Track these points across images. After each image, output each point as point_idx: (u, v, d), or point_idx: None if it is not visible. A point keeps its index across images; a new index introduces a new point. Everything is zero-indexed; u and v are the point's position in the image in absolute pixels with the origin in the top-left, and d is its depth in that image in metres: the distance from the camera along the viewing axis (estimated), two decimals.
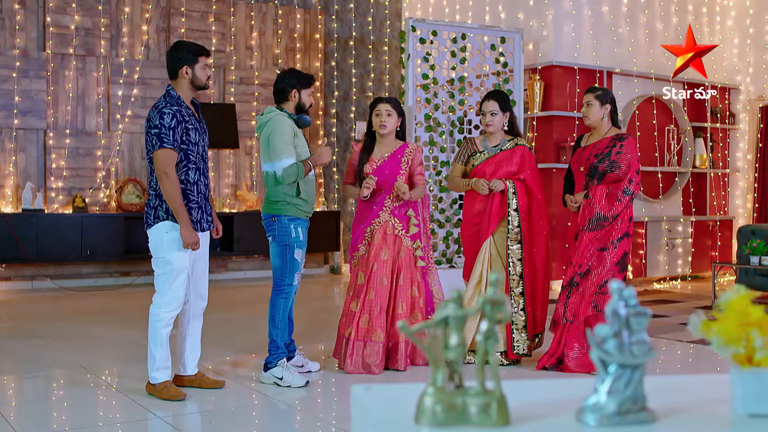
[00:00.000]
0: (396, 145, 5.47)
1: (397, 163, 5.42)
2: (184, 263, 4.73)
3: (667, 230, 10.59)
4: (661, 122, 10.68)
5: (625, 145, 5.44)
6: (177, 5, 10.35)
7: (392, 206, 5.43)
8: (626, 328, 1.32)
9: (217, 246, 10.44)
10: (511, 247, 5.56)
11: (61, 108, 9.70)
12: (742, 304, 1.37)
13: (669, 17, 10.88)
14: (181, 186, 4.70)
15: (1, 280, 9.42)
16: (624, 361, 1.32)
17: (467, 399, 1.29)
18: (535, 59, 9.97)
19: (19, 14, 9.50)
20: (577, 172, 5.60)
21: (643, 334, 1.33)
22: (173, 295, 4.73)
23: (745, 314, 1.35)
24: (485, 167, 5.64)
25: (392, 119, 5.41)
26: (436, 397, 1.29)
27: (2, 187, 9.43)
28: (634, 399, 1.32)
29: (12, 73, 9.40)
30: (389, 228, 5.40)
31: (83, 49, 9.81)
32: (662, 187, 10.63)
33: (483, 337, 1.29)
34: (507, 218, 5.56)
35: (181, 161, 4.71)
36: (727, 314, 1.37)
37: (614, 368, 1.33)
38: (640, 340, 1.33)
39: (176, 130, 4.63)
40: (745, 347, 1.36)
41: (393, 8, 12.01)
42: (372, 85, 11.85)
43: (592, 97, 5.50)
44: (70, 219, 9.45)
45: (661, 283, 10.54)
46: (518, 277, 5.56)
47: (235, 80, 10.72)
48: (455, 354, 1.29)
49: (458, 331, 1.30)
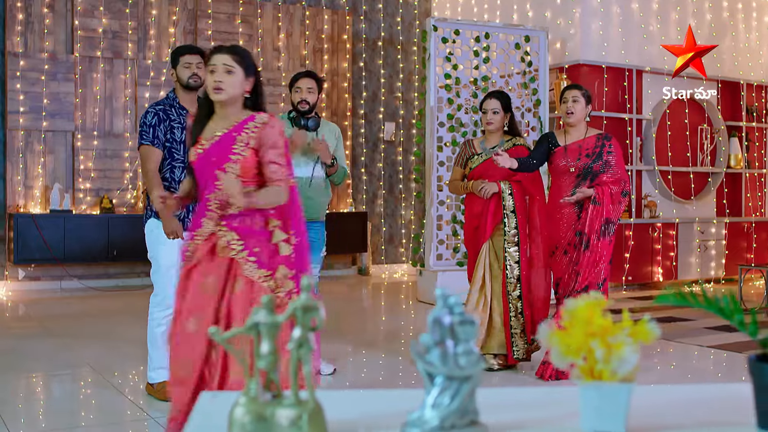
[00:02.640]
0: (239, 117, 3.35)
1: (228, 145, 3.29)
2: (171, 260, 4.73)
3: (699, 232, 10.33)
4: (694, 121, 10.43)
5: (614, 145, 5.40)
6: (204, 7, 10.41)
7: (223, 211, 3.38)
8: (451, 337, 1.25)
9: None
10: (508, 250, 5.46)
11: (89, 110, 9.83)
12: (587, 313, 1.29)
13: (702, 14, 10.62)
14: (165, 183, 4.75)
15: (30, 280, 9.57)
16: (449, 372, 1.25)
17: (278, 410, 1.23)
18: (562, 58, 9.81)
19: (48, 18, 9.64)
20: (561, 171, 5.42)
21: (471, 343, 1.26)
22: (162, 294, 4.75)
23: (589, 324, 1.27)
24: (481, 169, 5.56)
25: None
26: (246, 408, 1.24)
27: (31, 188, 9.58)
28: (461, 413, 1.25)
29: (41, 75, 9.55)
30: (220, 245, 3.32)
31: (111, 52, 9.93)
32: (694, 188, 10.37)
33: (295, 345, 1.23)
34: (503, 220, 5.46)
35: (165, 159, 4.77)
36: (572, 323, 1.29)
37: (440, 380, 1.26)
38: (467, 350, 1.26)
39: (157, 128, 4.72)
40: (587, 359, 1.27)
41: (422, 8, 11.93)
42: (401, 86, 11.79)
43: (579, 93, 5.40)
44: (98, 220, 9.57)
45: (692, 285, 10.29)
46: (515, 281, 5.45)
47: (262, 82, 10.72)
48: (266, 363, 1.24)
49: (270, 339, 1.24)
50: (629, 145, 9.85)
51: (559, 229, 5.40)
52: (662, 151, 10.10)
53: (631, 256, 9.65)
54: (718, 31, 10.69)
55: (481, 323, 5.50)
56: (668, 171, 10.16)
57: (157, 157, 4.73)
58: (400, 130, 11.73)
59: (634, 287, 9.84)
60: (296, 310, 1.23)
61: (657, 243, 9.95)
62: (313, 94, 5.24)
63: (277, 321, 1.24)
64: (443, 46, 8.81)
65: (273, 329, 1.24)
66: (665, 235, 10.03)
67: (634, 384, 1.28)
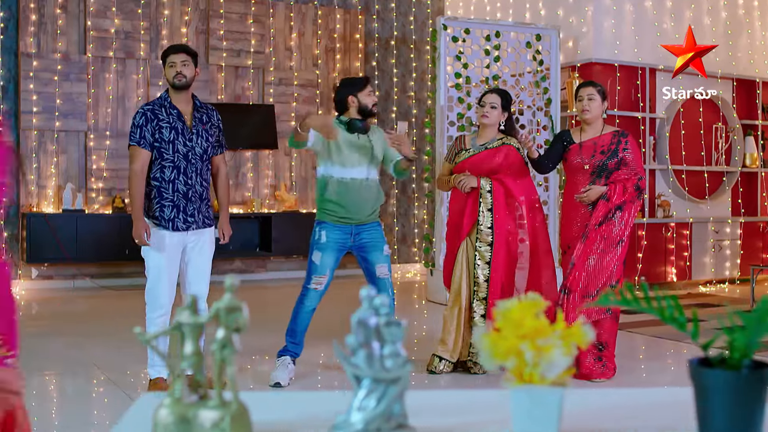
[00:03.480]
0: None
1: None
2: (159, 262, 4.77)
3: (713, 232, 10.23)
4: (708, 120, 10.32)
5: (630, 142, 5.33)
6: (216, 7, 10.44)
7: None
8: (377, 339, 1.23)
9: (256, 246, 10.52)
10: (479, 249, 5.33)
11: (101, 110, 9.88)
12: (519, 314, 1.26)
13: (717, 11, 10.50)
14: (156, 183, 4.81)
15: (43, 279, 9.64)
16: (375, 375, 1.23)
17: (201, 411, 1.22)
18: (574, 56, 9.75)
19: (60, 19, 9.70)
20: (575, 169, 5.39)
21: (398, 345, 1.24)
22: (153, 294, 4.81)
23: (520, 325, 1.25)
24: (466, 165, 5.47)
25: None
26: (170, 409, 1.23)
27: (44, 188, 9.65)
28: (387, 416, 1.23)
29: (54, 76, 9.61)
30: None
31: (123, 52, 9.97)
32: (708, 188, 10.26)
33: (218, 345, 1.22)
34: (478, 218, 5.36)
35: (155, 159, 4.81)
36: (503, 325, 1.27)
37: (367, 383, 1.24)
38: (394, 352, 1.24)
39: (144, 128, 4.77)
40: (517, 362, 1.25)
41: (435, 7, 11.90)
42: (414, 85, 11.76)
43: (594, 90, 5.35)
44: (110, 219, 9.62)
45: (707, 286, 10.19)
46: (484, 281, 5.31)
47: (274, 81, 10.76)
48: (189, 363, 1.23)
49: (193, 340, 1.23)
50: (642, 144, 9.76)
51: (572, 228, 5.35)
52: (676, 150, 10.00)
53: (644, 256, 9.57)
54: (733, 29, 10.58)
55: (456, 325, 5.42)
56: (682, 170, 10.06)
57: (143, 158, 4.79)
58: (413, 130, 11.70)
59: None
60: (219, 310, 1.21)
61: (670, 243, 9.86)
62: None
63: (199, 322, 1.23)
64: (453, 45, 8.78)
65: (196, 330, 1.23)
66: (679, 234, 9.93)
67: (565, 388, 1.25)
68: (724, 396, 1.25)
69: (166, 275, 4.83)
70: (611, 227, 5.18)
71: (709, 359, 1.30)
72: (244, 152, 10.58)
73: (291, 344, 5.30)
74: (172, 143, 4.81)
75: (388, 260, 5.35)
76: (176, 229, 4.85)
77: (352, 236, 5.26)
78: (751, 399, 1.25)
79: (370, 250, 5.28)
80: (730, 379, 1.25)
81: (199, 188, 4.94)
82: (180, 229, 4.86)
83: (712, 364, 1.29)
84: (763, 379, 1.26)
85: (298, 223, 10.29)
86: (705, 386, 1.27)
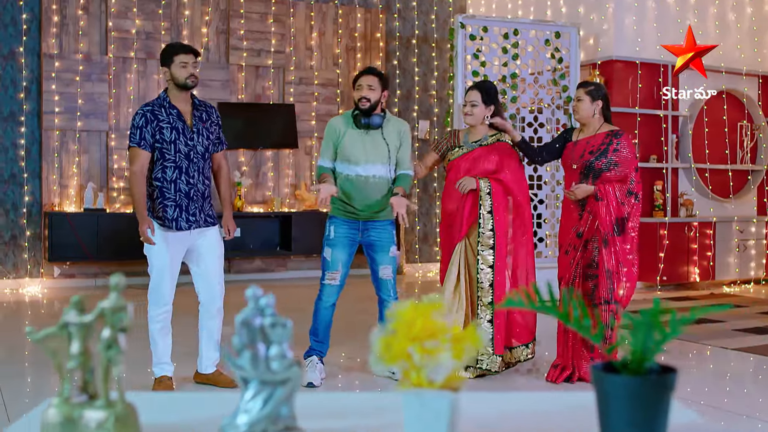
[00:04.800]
0: None
1: None
2: (163, 261, 4.78)
3: (738, 231, 10.07)
4: (733, 118, 10.16)
5: (623, 142, 5.16)
6: (236, 7, 10.48)
7: None
8: (263, 340, 1.22)
9: (276, 245, 10.55)
10: (482, 253, 5.22)
11: (122, 110, 9.97)
12: (411, 315, 1.23)
13: (742, 7, 10.34)
14: (158, 183, 4.80)
15: (65, 278, 9.75)
16: (261, 376, 1.21)
17: (87, 412, 1.21)
18: (594, 54, 9.65)
19: (82, 20, 9.80)
20: (567, 168, 5.35)
21: (285, 346, 1.22)
22: (156, 292, 4.83)
23: (411, 327, 1.22)
24: (461, 163, 5.36)
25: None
26: (58, 409, 1.22)
27: (66, 188, 9.75)
28: (274, 418, 1.21)
29: (75, 76, 9.71)
30: None
31: (144, 53, 10.05)
32: (733, 186, 10.11)
33: (103, 346, 1.21)
34: (479, 221, 5.26)
35: (157, 159, 4.80)
36: (396, 326, 1.24)
37: (254, 384, 1.22)
38: (280, 353, 1.22)
39: (144, 129, 4.75)
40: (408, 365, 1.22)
41: (457, 5, 11.84)
42: (435, 84, 11.72)
43: (583, 92, 5.27)
44: (131, 218, 9.64)
45: (731, 286, 10.03)
46: (488, 286, 5.21)
47: (295, 80, 10.78)
48: (76, 363, 1.22)
49: (80, 339, 1.22)
50: (664, 143, 9.64)
51: (565, 227, 5.29)
52: (699, 148, 9.86)
53: (666, 255, 9.44)
54: (759, 25, 10.40)
55: None
56: (705, 169, 9.91)
57: (143, 159, 4.77)
58: (434, 128, 11.66)
59: (669, 288, 9.63)
60: (104, 310, 1.21)
61: (693, 242, 9.72)
62: (375, 92, 5.17)
63: (85, 321, 1.22)
64: (471, 43, 8.73)
65: (82, 329, 1.22)
66: (702, 234, 9.78)
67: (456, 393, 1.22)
68: (623, 402, 1.21)
69: (169, 274, 4.85)
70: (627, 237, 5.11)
71: (613, 364, 1.27)
72: (264, 152, 10.61)
73: (315, 343, 5.29)
74: (173, 143, 4.80)
75: (394, 262, 5.27)
76: (179, 228, 4.85)
77: (360, 231, 5.24)
78: (651, 405, 1.21)
79: (376, 250, 5.25)
80: (629, 385, 1.21)
81: (201, 187, 4.94)
82: (183, 229, 4.87)
83: (617, 369, 1.25)
84: (666, 384, 1.22)
85: (318, 222, 10.28)
86: (605, 392, 1.23)
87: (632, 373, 1.23)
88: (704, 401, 4.88)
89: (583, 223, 5.15)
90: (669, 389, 1.23)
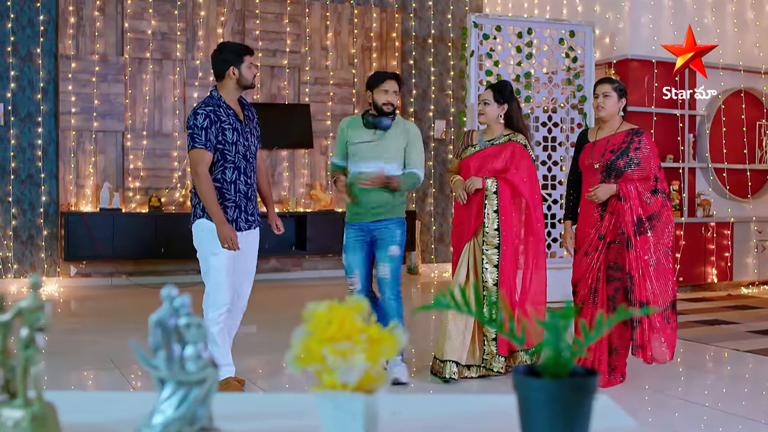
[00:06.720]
0: None
1: None
2: (222, 262, 4.71)
3: (756, 231, 9.94)
4: (751, 117, 10.03)
5: (644, 141, 5.06)
6: (251, 7, 10.52)
7: None
8: (178, 340, 1.21)
9: (291, 245, 10.57)
10: (486, 252, 5.18)
11: (138, 110, 10.04)
12: (328, 315, 1.22)
13: (761, 5, 10.21)
14: (217, 185, 4.75)
15: (81, 277, 9.83)
16: (175, 377, 1.21)
17: (5, 410, 1.21)
18: (610, 53, 9.57)
19: (98, 21, 9.88)
20: (587, 169, 5.24)
21: (200, 347, 1.21)
22: (215, 293, 4.74)
23: (326, 329, 1.21)
24: (471, 161, 5.32)
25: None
26: None
27: (83, 188, 9.83)
28: (189, 419, 1.21)
29: (92, 77, 9.79)
30: None
31: (160, 53, 10.11)
32: (751, 186, 9.98)
33: (21, 345, 1.21)
34: (483, 220, 5.22)
35: (218, 161, 4.74)
36: (312, 328, 1.23)
37: (170, 385, 1.22)
38: (195, 354, 1.21)
39: (209, 130, 4.66)
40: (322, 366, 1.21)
41: (473, 4, 11.80)
42: (452, 83, 11.68)
43: (610, 88, 5.15)
44: (147, 218, 9.77)
45: (749, 287, 9.91)
46: (492, 285, 5.16)
47: (310, 80, 10.80)
48: None
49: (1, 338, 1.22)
50: (681, 142, 9.54)
51: (583, 229, 5.21)
52: (717, 147, 9.75)
53: (683, 256, 9.34)
54: None
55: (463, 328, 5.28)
56: (723, 168, 9.80)
57: (208, 160, 4.69)
58: (450, 128, 11.63)
59: (686, 289, 9.53)
60: (22, 310, 1.21)
61: (711, 243, 9.61)
62: (397, 96, 5.28)
63: (2, 320, 1.22)
64: (485, 42, 8.69)
65: (1, 329, 1.22)
66: (719, 234, 9.68)
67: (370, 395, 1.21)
68: (540, 406, 1.19)
69: (226, 275, 4.77)
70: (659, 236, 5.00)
71: (535, 368, 1.25)
72: (280, 152, 10.64)
73: None
74: (234, 144, 4.75)
75: (393, 261, 5.22)
76: (239, 229, 4.80)
77: (367, 232, 5.24)
78: (569, 409, 1.19)
79: (378, 248, 5.24)
80: (546, 388, 1.19)
81: (255, 186, 4.96)
82: (243, 229, 4.82)
83: (538, 373, 1.24)
84: (586, 388, 1.20)
85: (333, 222, 10.31)
86: (525, 397, 1.21)
87: (552, 377, 1.21)
88: (720, 405, 4.81)
89: (604, 224, 5.07)
90: (589, 392, 1.20)
